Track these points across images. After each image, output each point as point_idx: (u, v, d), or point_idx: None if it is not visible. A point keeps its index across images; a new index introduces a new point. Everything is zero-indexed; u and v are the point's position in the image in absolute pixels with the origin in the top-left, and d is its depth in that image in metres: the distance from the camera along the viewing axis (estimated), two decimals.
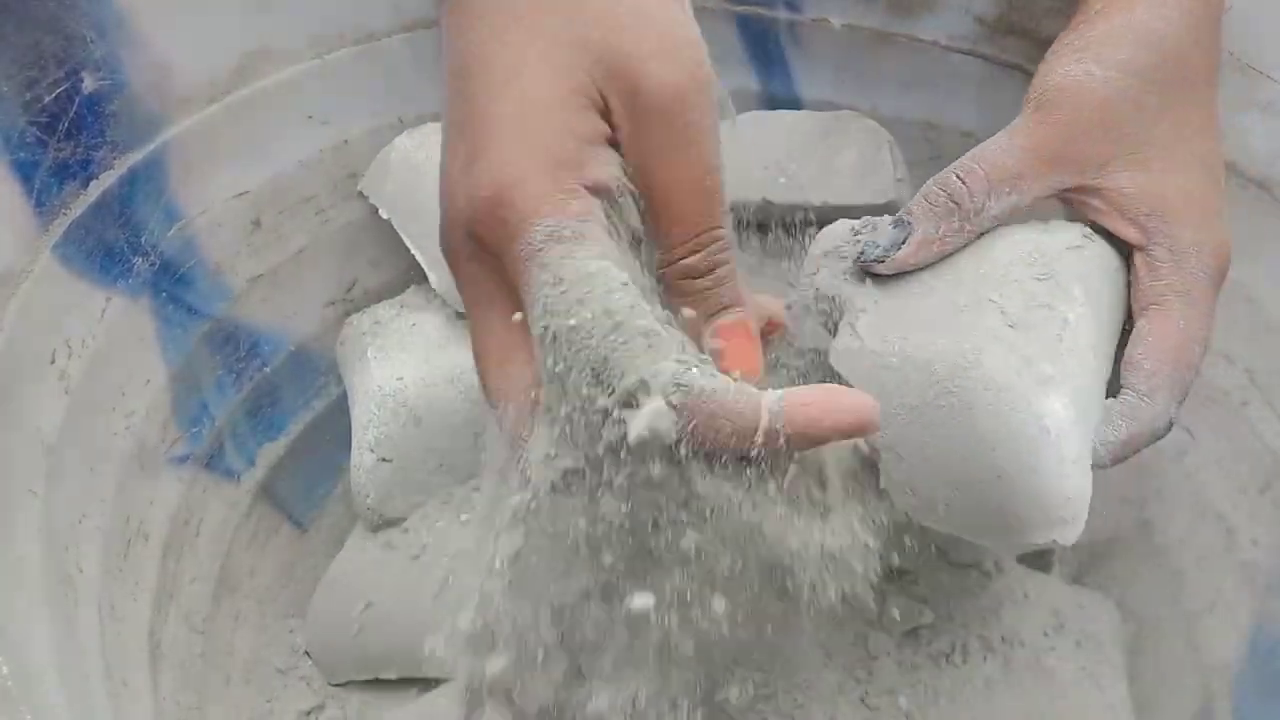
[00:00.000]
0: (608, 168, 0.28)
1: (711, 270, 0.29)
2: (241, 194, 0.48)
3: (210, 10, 0.45)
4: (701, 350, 0.28)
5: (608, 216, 0.28)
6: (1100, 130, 0.36)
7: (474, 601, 0.32)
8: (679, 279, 0.29)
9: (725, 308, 0.30)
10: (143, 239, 0.44)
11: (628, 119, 0.28)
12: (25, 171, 0.38)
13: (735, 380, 0.27)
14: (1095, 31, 0.37)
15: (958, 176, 0.35)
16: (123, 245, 0.43)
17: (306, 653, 0.51)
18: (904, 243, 0.34)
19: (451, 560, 0.47)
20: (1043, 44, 0.51)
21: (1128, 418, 0.35)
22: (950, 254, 0.35)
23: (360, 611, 0.48)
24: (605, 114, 0.28)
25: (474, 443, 0.48)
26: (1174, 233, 0.36)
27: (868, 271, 0.35)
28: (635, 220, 0.30)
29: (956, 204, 0.35)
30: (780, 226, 0.56)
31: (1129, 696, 0.47)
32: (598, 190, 0.28)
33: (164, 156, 0.44)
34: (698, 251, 0.29)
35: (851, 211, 0.52)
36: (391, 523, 0.48)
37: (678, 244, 0.29)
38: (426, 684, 0.48)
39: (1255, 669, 0.46)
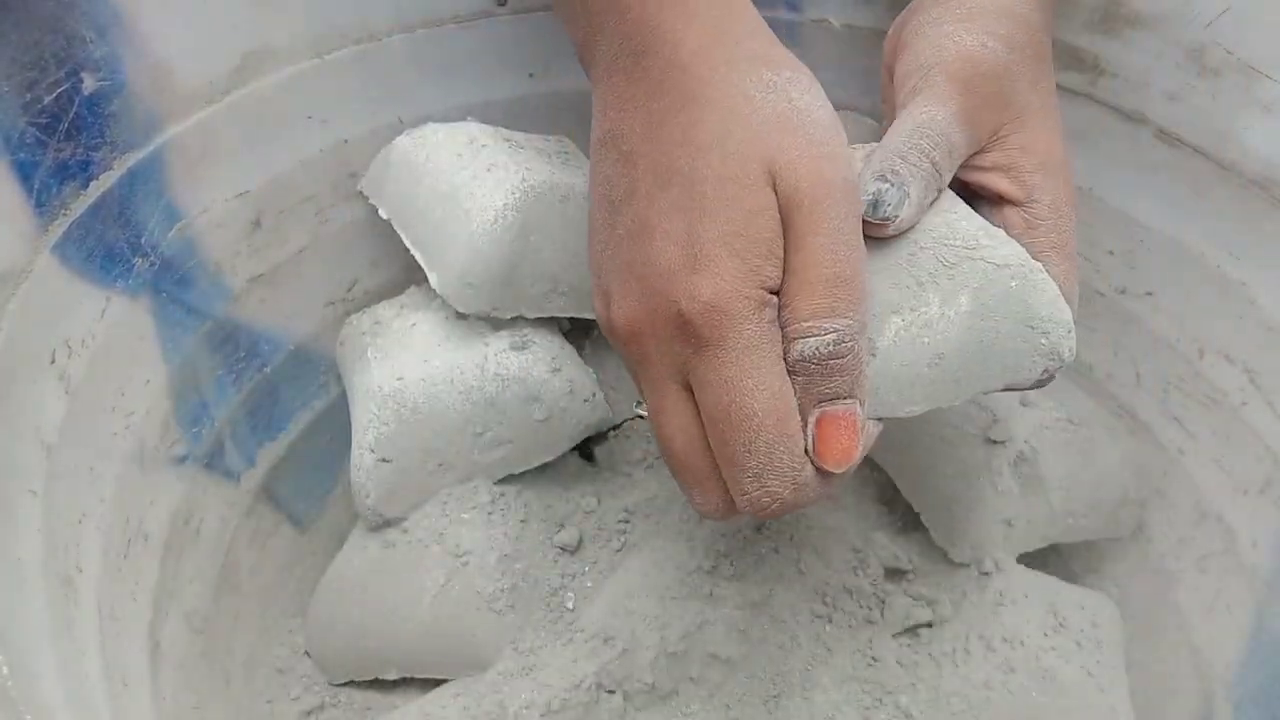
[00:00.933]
0: (780, 269, 0.33)
1: (833, 358, 0.32)
2: (241, 194, 0.48)
3: (210, 10, 0.45)
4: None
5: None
6: (997, 99, 0.39)
7: None
8: (802, 360, 0.33)
9: (837, 398, 0.33)
10: (143, 239, 0.44)
11: (784, 215, 0.33)
12: (25, 171, 0.38)
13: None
14: (972, 5, 0.40)
15: (931, 145, 0.37)
16: (123, 245, 0.43)
17: (306, 653, 0.51)
18: (904, 203, 0.36)
19: (453, 559, 0.47)
20: None
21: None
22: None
23: (360, 611, 0.48)
24: (776, 211, 0.33)
25: (474, 443, 0.48)
26: (1053, 189, 0.39)
27: (871, 227, 0.36)
28: None
29: (937, 173, 0.37)
30: None
31: (1129, 696, 0.47)
32: (772, 289, 0.33)
33: (164, 156, 0.44)
34: (828, 334, 0.32)
35: None
36: (391, 523, 0.48)
37: (807, 319, 0.32)
38: (426, 684, 0.48)
39: (1255, 669, 0.46)
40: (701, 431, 0.34)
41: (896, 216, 0.35)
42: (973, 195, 0.40)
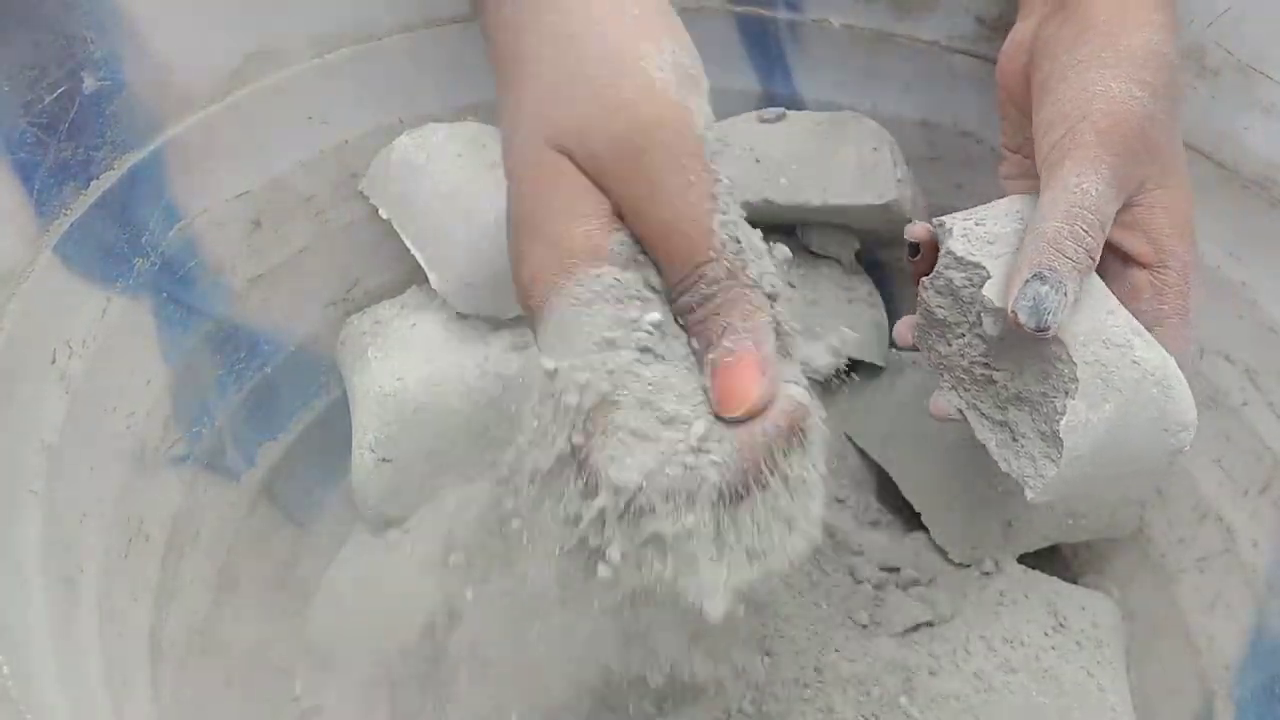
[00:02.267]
0: (611, 238, 0.30)
1: (704, 303, 0.30)
2: (241, 194, 0.48)
3: (210, 10, 0.45)
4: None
5: (630, 276, 0.30)
6: (1146, 153, 0.37)
7: None
8: (681, 317, 0.31)
9: (720, 342, 0.30)
10: (143, 239, 0.44)
11: (608, 185, 0.30)
12: (26, 171, 0.38)
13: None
14: (1120, 46, 0.37)
15: (1085, 232, 0.35)
16: (123, 245, 0.43)
17: (306, 653, 0.51)
18: (1062, 308, 0.34)
19: (453, 558, 0.47)
20: None
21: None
22: None
23: (360, 612, 0.48)
24: (600, 187, 0.30)
25: (474, 443, 0.48)
26: (1184, 253, 0.37)
27: (1036, 331, 0.34)
28: (655, 276, 0.31)
29: (1092, 260, 0.35)
30: (781, 228, 0.56)
31: (1129, 696, 0.47)
32: (612, 261, 0.30)
33: (164, 156, 0.44)
34: (685, 291, 0.30)
35: (852, 211, 0.52)
36: (392, 523, 0.48)
37: (673, 284, 0.30)
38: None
39: (1255, 669, 0.46)
40: None
41: (1056, 323, 0.34)
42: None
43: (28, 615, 0.35)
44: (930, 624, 0.49)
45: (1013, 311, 0.34)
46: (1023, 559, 0.50)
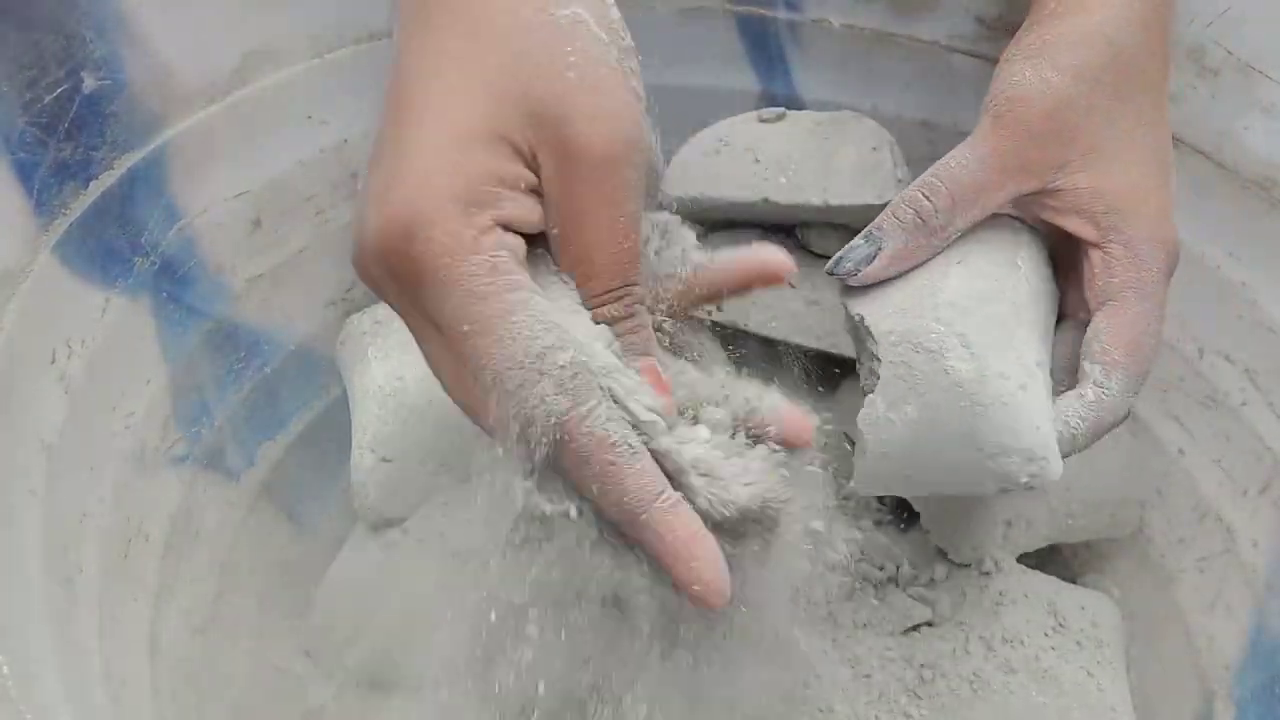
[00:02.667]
0: (525, 212, 0.28)
1: (625, 319, 0.30)
2: (241, 194, 0.48)
3: (210, 10, 0.45)
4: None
5: (526, 256, 0.29)
6: (1054, 136, 0.37)
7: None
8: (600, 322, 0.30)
9: (641, 355, 0.30)
10: (143, 239, 0.44)
11: (556, 176, 0.28)
12: (25, 171, 0.38)
13: None
14: (1050, 34, 0.38)
15: (924, 195, 0.37)
16: (123, 245, 0.43)
17: (306, 653, 0.51)
18: (874, 258, 0.37)
19: (453, 559, 0.47)
20: None
21: (1092, 408, 0.37)
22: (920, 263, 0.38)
23: (360, 611, 0.48)
24: (532, 166, 0.28)
25: (474, 443, 0.48)
26: (1130, 229, 0.37)
27: (843, 283, 0.38)
28: (554, 264, 0.30)
29: (923, 221, 0.37)
30: (781, 228, 0.56)
31: (1129, 696, 0.47)
32: (512, 228, 0.28)
33: (164, 156, 0.44)
34: (613, 304, 0.30)
35: (852, 211, 0.52)
36: (392, 523, 0.48)
37: (594, 296, 0.30)
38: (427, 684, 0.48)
39: (1255, 669, 0.46)
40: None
41: (856, 272, 0.37)
42: (1062, 237, 0.39)
43: (28, 615, 0.35)
44: (930, 624, 0.49)
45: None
46: (1023, 559, 0.50)
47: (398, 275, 0.28)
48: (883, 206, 0.51)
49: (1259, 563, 0.46)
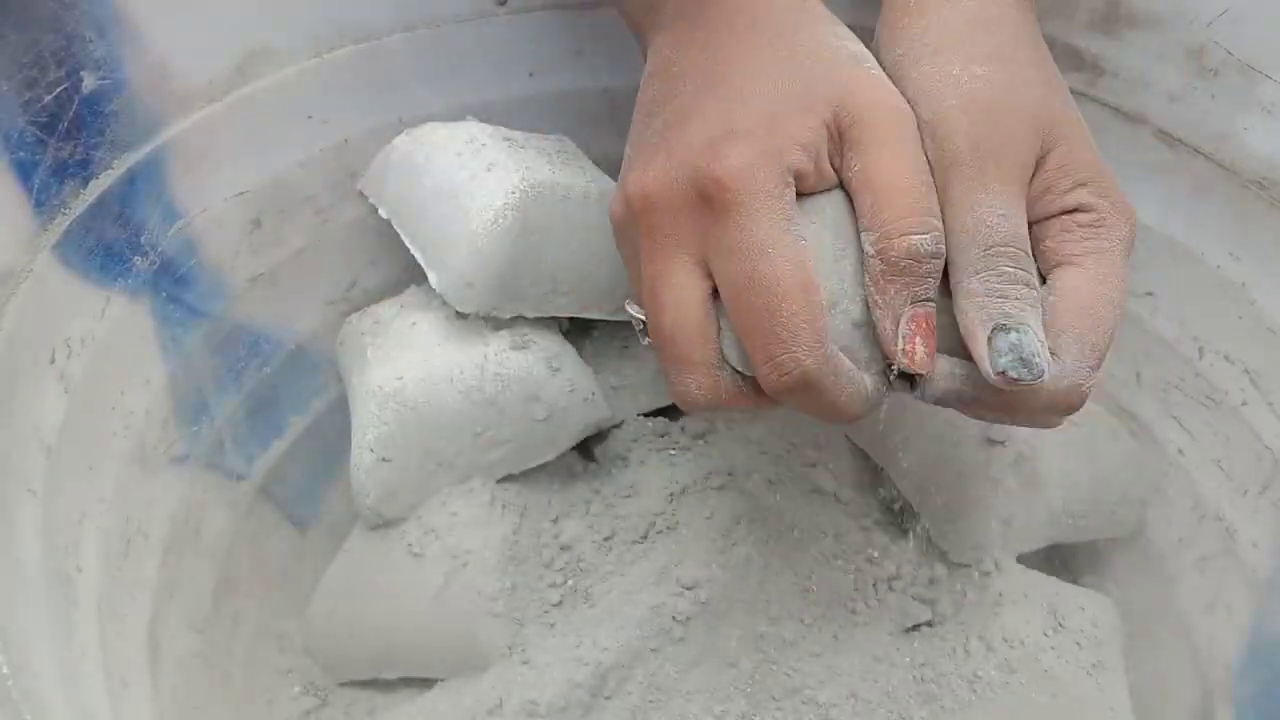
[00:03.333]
0: (811, 169, 0.34)
1: (930, 259, 0.33)
2: (241, 194, 0.48)
3: (210, 10, 0.45)
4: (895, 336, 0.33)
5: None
6: (1031, 133, 0.34)
7: None
8: (903, 258, 0.32)
9: (923, 300, 0.33)
10: (142, 239, 0.44)
11: (853, 130, 0.34)
12: (25, 171, 0.38)
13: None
14: (937, 29, 0.36)
15: (1016, 253, 0.33)
16: (122, 245, 0.43)
17: (306, 652, 0.51)
18: (1037, 344, 0.33)
19: (453, 559, 0.47)
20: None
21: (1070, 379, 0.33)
22: None
23: (360, 611, 0.48)
24: (831, 133, 0.34)
25: (474, 443, 0.48)
26: (1096, 198, 0.35)
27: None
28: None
29: (1031, 287, 0.34)
30: None
31: (1129, 696, 0.47)
32: (797, 179, 0.34)
33: (164, 156, 0.44)
34: (901, 240, 0.32)
35: None
36: (391, 523, 0.48)
37: (902, 219, 0.33)
38: (426, 684, 0.48)
39: (1255, 669, 0.46)
40: (701, 308, 0.34)
41: (1044, 373, 0.31)
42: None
43: (28, 615, 0.35)
44: (930, 624, 0.49)
45: (999, 373, 0.32)
46: (1022, 559, 0.50)
47: (704, 199, 0.33)
48: None
49: (1259, 563, 0.46)
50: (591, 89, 0.58)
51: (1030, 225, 0.34)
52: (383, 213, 0.51)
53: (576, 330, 0.53)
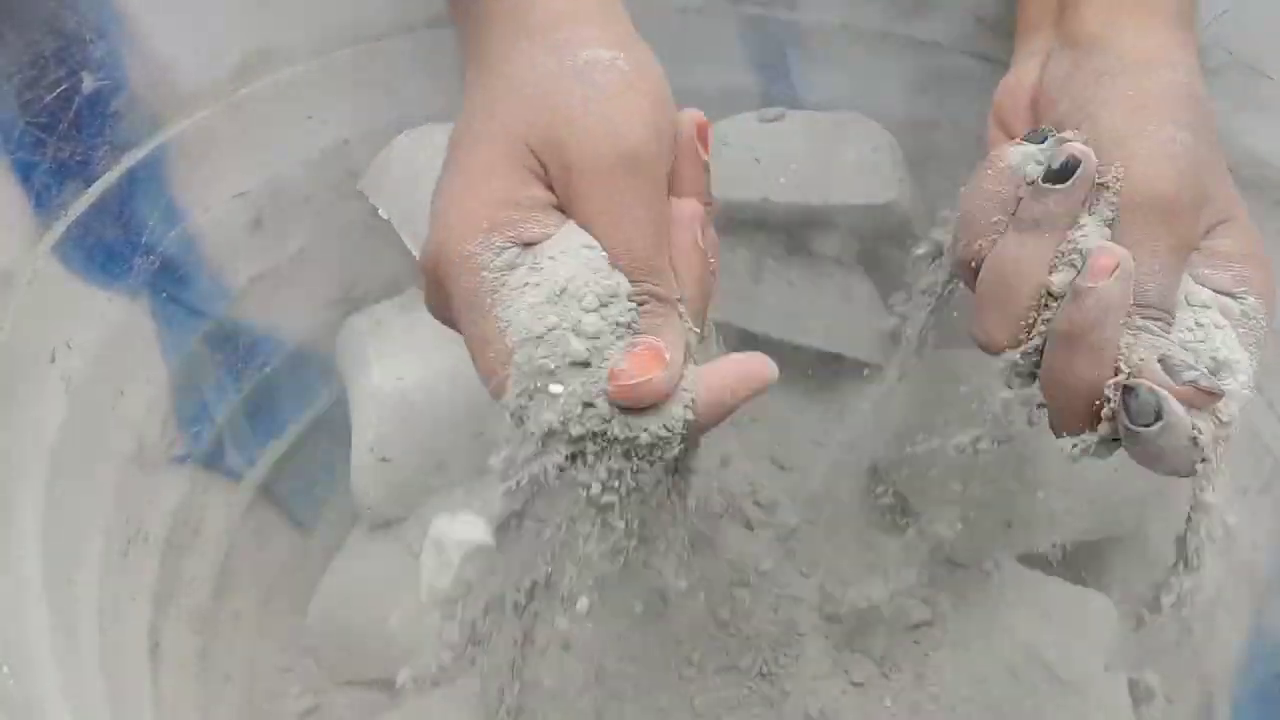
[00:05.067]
0: (547, 227, 0.31)
1: (640, 305, 0.31)
2: (241, 194, 0.48)
3: (210, 10, 0.45)
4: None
5: None
6: (1200, 201, 0.34)
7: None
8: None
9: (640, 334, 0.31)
10: (143, 239, 0.44)
11: (564, 189, 0.31)
12: (25, 171, 0.38)
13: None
14: (1147, 86, 0.35)
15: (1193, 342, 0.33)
16: (123, 245, 0.43)
17: (306, 652, 0.51)
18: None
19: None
20: None
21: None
22: None
23: (360, 611, 0.48)
24: (550, 185, 0.31)
25: (474, 443, 0.48)
26: (1262, 277, 0.35)
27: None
28: None
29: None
30: (781, 228, 0.56)
31: (1129, 696, 0.47)
32: (535, 242, 0.31)
33: (164, 156, 0.44)
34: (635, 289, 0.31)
35: (852, 211, 0.52)
36: (391, 523, 0.48)
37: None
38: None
39: (1255, 669, 0.46)
40: None
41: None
42: None
43: (28, 615, 0.35)
44: (930, 624, 0.49)
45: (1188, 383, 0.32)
46: (1022, 559, 0.50)
47: (439, 298, 0.32)
48: (883, 206, 0.52)
49: (1259, 563, 0.46)
50: None
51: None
52: (383, 213, 0.51)
53: None
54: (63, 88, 0.40)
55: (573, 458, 0.30)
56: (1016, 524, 0.49)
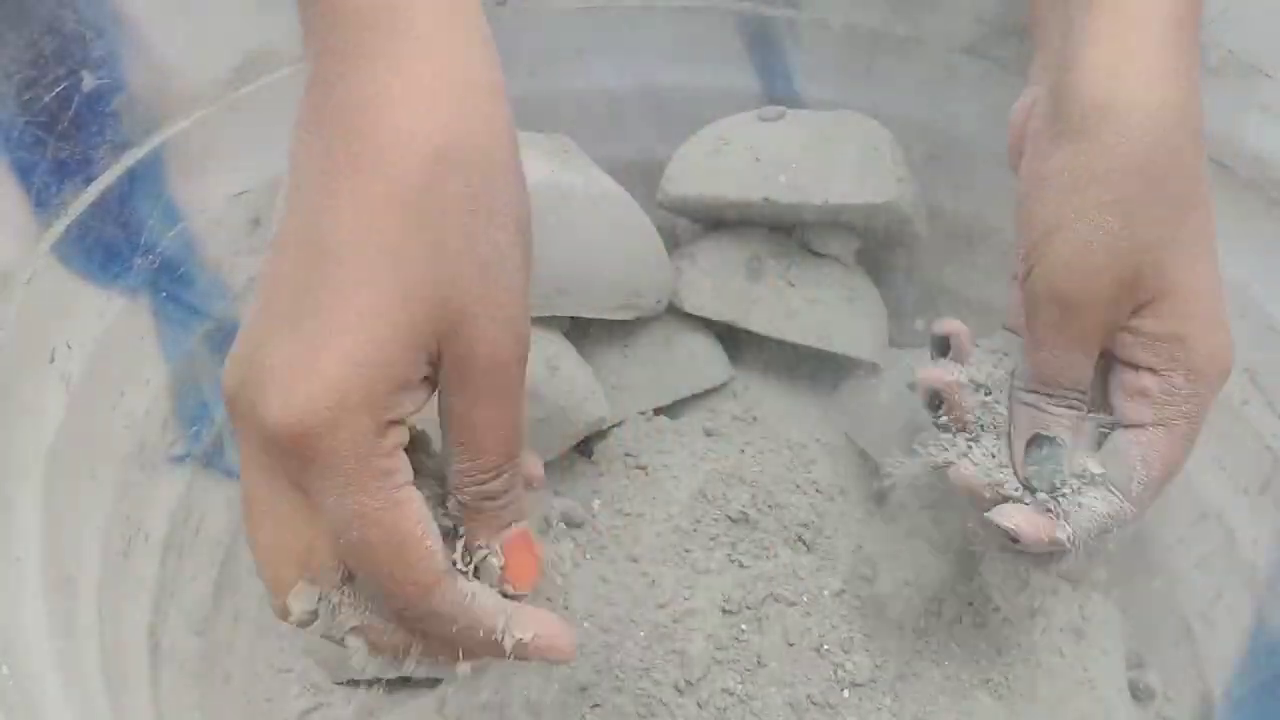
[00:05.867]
0: (418, 403, 0.30)
1: (506, 493, 0.32)
2: (241, 194, 0.48)
3: (210, 10, 0.45)
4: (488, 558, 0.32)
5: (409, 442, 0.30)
6: (1126, 291, 0.34)
7: None
8: (479, 500, 0.31)
9: (511, 523, 0.32)
10: (142, 238, 0.44)
11: (455, 372, 0.30)
12: (25, 171, 0.38)
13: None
14: (1093, 152, 0.34)
15: (1064, 403, 0.36)
16: (122, 245, 0.43)
17: (306, 652, 0.51)
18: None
19: None
20: None
21: (1110, 515, 0.36)
22: None
23: None
24: (433, 361, 0.29)
25: None
26: (1194, 359, 0.35)
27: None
28: (433, 446, 0.33)
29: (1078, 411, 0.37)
30: (781, 228, 0.56)
31: (1128, 695, 0.47)
32: (405, 420, 0.30)
33: (164, 156, 0.44)
34: (499, 478, 0.31)
35: (852, 211, 0.52)
36: None
37: (482, 472, 0.31)
38: (427, 684, 0.48)
39: (1255, 669, 0.46)
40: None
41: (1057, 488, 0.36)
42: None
43: (28, 615, 0.35)
44: (929, 623, 0.49)
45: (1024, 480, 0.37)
46: (1024, 559, 0.50)
47: (289, 454, 0.28)
48: (883, 206, 0.52)
49: (1259, 562, 0.46)
50: (591, 89, 0.58)
51: (1114, 355, 0.36)
52: None
53: (576, 330, 0.53)
54: (62, 87, 0.40)
55: None
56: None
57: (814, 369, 0.58)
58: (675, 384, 0.56)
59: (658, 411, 0.55)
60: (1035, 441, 0.36)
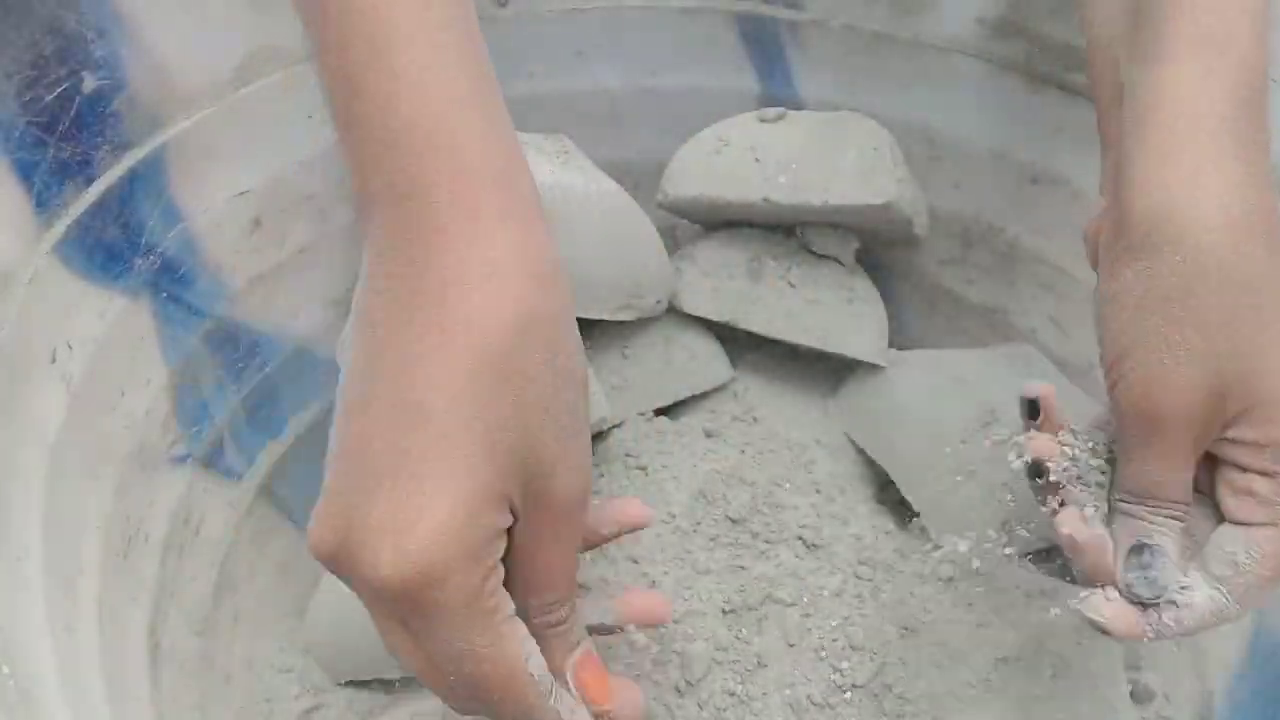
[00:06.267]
0: (503, 548, 0.32)
1: (568, 619, 0.34)
2: (241, 194, 0.48)
3: (210, 10, 0.45)
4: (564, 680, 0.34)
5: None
6: (1215, 411, 0.34)
7: None
8: (544, 629, 0.34)
9: (577, 644, 0.35)
10: (143, 239, 0.44)
11: (530, 517, 0.32)
12: (25, 171, 0.38)
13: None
14: (1160, 270, 0.33)
15: (1165, 512, 0.37)
16: (123, 245, 0.43)
17: (306, 652, 0.51)
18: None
19: None
20: (1044, 45, 0.52)
21: (1215, 614, 0.36)
22: None
23: (360, 611, 0.48)
24: (515, 511, 0.31)
25: None
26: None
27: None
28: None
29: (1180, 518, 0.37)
30: (781, 228, 0.56)
31: (1128, 696, 0.47)
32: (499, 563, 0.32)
33: (164, 156, 0.44)
34: (562, 607, 0.34)
35: (852, 211, 0.52)
36: None
37: (548, 605, 0.33)
38: None
39: (1255, 669, 0.46)
40: None
41: (1162, 595, 0.36)
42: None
43: (28, 615, 0.35)
44: (929, 623, 0.49)
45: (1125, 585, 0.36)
46: (1025, 558, 0.50)
47: (398, 603, 0.30)
48: (883, 206, 0.52)
49: None
50: (591, 89, 0.58)
51: (1215, 458, 0.36)
52: None
53: None
54: (63, 88, 0.40)
55: None
56: (1016, 524, 0.49)
57: (814, 369, 0.58)
58: (675, 385, 0.56)
59: (658, 412, 0.55)
60: (1136, 550, 0.36)
